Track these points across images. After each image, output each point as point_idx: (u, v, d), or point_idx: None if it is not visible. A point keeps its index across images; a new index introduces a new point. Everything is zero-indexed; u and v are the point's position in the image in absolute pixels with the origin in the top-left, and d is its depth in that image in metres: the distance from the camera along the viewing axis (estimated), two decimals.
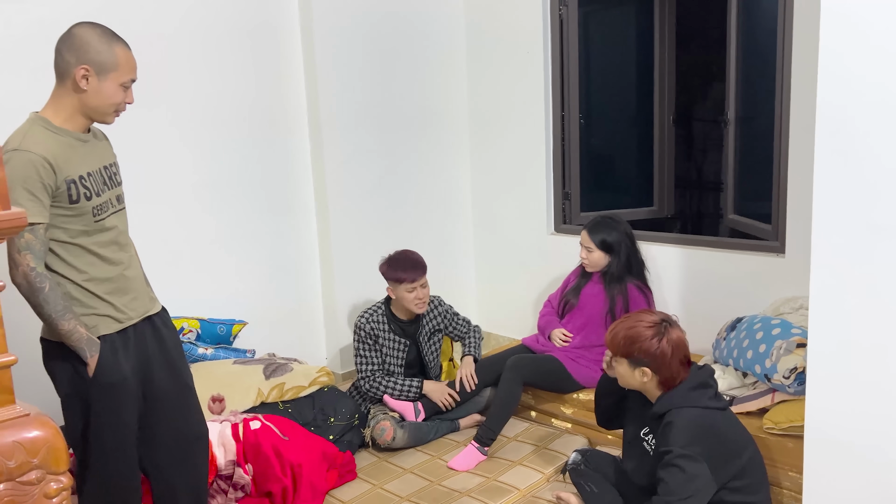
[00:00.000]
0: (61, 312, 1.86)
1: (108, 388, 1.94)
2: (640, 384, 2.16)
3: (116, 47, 1.91)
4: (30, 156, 1.79)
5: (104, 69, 1.88)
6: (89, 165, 1.94)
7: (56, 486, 1.08)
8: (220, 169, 3.44)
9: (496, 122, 4.15)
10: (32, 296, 1.84)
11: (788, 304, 2.91)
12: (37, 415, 1.12)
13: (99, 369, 1.92)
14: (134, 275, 2.08)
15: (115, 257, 2.00)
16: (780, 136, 3.11)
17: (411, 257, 3.21)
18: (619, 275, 3.16)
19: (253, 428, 2.70)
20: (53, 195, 1.84)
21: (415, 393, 3.18)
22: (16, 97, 2.38)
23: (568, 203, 4.05)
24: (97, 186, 1.95)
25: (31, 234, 1.81)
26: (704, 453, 1.96)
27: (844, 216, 1.71)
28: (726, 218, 3.75)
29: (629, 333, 2.13)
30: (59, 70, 1.89)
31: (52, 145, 1.84)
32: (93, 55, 1.86)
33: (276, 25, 3.55)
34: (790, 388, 2.51)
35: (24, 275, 1.81)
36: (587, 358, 3.18)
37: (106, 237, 1.98)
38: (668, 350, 2.07)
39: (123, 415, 1.99)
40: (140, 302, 2.08)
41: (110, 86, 1.90)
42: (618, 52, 4.43)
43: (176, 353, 2.18)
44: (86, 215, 1.91)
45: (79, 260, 1.93)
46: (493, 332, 4.40)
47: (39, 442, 1.06)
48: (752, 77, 3.53)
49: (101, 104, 1.91)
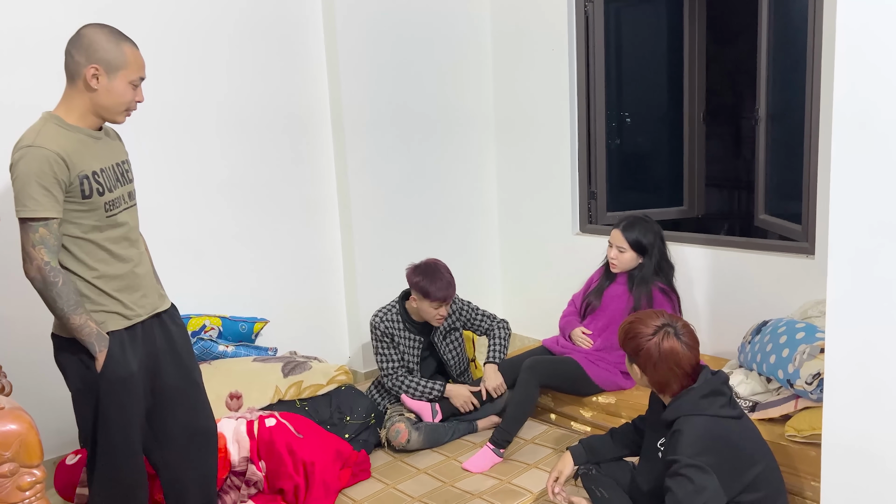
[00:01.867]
0: (73, 307, 1.89)
1: (116, 383, 1.96)
2: (640, 381, 2.15)
3: (124, 46, 1.94)
4: (44, 151, 1.82)
5: (113, 68, 1.91)
6: (102, 161, 1.97)
7: (30, 479, 1.09)
8: (245, 168, 3.47)
9: (521, 120, 4.11)
10: (46, 290, 1.87)
11: (817, 308, 2.81)
12: (11, 408, 1.13)
13: (107, 364, 1.95)
14: (144, 272, 2.10)
15: (125, 254, 2.03)
16: (811, 133, 3.01)
17: (446, 276, 3.09)
18: (648, 277, 3.09)
19: (268, 425, 2.71)
20: (67, 190, 1.87)
21: (436, 395, 3.16)
22: (29, 97, 2.45)
23: (594, 202, 3.98)
24: (110, 182, 1.98)
25: (46, 229, 1.84)
26: (714, 464, 1.89)
27: (863, 216, 1.64)
28: (757, 218, 3.64)
29: (628, 328, 2.11)
30: (70, 71, 1.92)
31: (65, 142, 1.88)
32: (102, 54, 1.89)
33: (299, 26, 3.57)
34: (813, 394, 2.42)
35: (39, 269, 1.85)
36: (607, 361, 3.12)
37: (117, 233, 2.01)
38: (655, 354, 2.03)
39: (130, 410, 2.01)
40: (149, 299, 2.10)
41: (120, 84, 1.93)
42: (647, 48, 4.34)
43: (184, 349, 2.20)
44: (98, 210, 1.94)
45: (90, 256, 1.95)
46: (517, 332, 4.35)
47: (12, 436, 1.07)
48: (783, 73, 3.42)
49: (111, 103, 1.94)
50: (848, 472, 1.77)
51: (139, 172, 2.36)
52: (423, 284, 3.07)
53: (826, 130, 2.87)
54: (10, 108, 2.71)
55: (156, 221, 2.88)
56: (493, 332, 3.32)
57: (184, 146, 3.26)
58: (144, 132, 2.99)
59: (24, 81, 2.77)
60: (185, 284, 3.13)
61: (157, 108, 3.09)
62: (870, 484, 1.73)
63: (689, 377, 2.05)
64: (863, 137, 1.61)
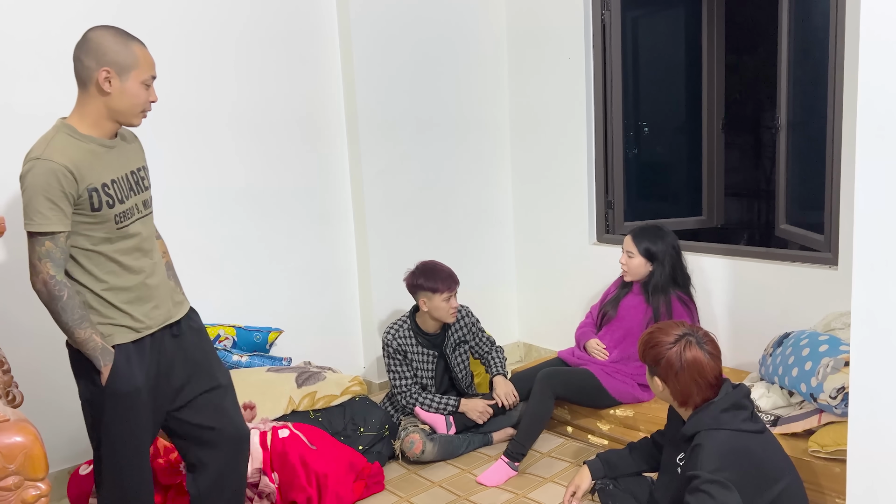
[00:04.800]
0: (78, 321, 1.87)
1: (120, 398, 1.94)
2: (661, 395, 2.09)
3: (133, 46, 1.90)
4: (51, 165, 1.80)
5: (125, 69, 1.88)
6: (114, 172, 1.94)
7: (34, 493, 1.07)
8: (259, 178, 3.47)
9: (537, 129, 4.08)
10: (51, 303, 1.85)
11: (840, 320, 2.74)
12: (16, 420, 1.11)
13: (111, 378, 1.92)
14: (156, 282, 2.06)
15: (136, 265, 2.00)
16: (833, 142, 2.96)
17: (444, 267, 3.18)
18: (664, 285, 3.05)
19: (281, 436, 2.69)
20: (75, 203, 1.85)
21: (450, 410, 3.14)
22: (43, 105, 2.46)
23: (611, 212, 3.94)
24: (121, 193, 1.94)
25: (52, 243, 1.82)
26: (735, 480, 1.84)
27: (888, 226, 1.59)
28: (777, 227, 3.58)
29: (649, 338, 2.07)
30: (81, 77, 1.89)
31: (74, 153, 1.85)
32: (112, 56, 1.86)
33: (315, 35, 3.58)
34: (837, 408, 2.36)
35: (44, 282, 1.83)
36: (623, 372, 3.07)
37: (128, 244, 1.98)
38: (676, 363, 1.98)
39: (134, 425, 1.98)
40: (161, 310, 2.06)
41: (133, 85, 1.90)
42: (664, 57, 4.31)
43: (200, 354, 2.15)
44: (108, 223, 1.91)
45: (99, 268, 1.93)
46: (534, 343, 4.31)
47: (17, 448, 1.05)
48: (803, 81, 3.37)
49: (126, 105, 1.91)
50: (874, 489, 1.71)
51: (154, 181, 2.35)
52: (429, 282, 3.11)
53: (849, 138, 2.81)
54: (33, 117, 2.73)
55: (171, 230, 2.87)
56: (491, 353, 3.35)
57: (199, 155, 3.26)
58: (160, 141, 2.99)
59: (44, 90, 2.79)
60: (200, 294, 3.11)
61: (172, 116, 3.10)
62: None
63: (711, 388, 2.00)
64: (887, 146, 1.57)
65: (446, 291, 3.10)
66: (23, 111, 2.76)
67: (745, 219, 5.74)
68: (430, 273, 3.14)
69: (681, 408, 2.05)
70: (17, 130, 2.81)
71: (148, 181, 2.08)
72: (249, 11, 3.34)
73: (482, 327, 3.39)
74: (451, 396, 3.17)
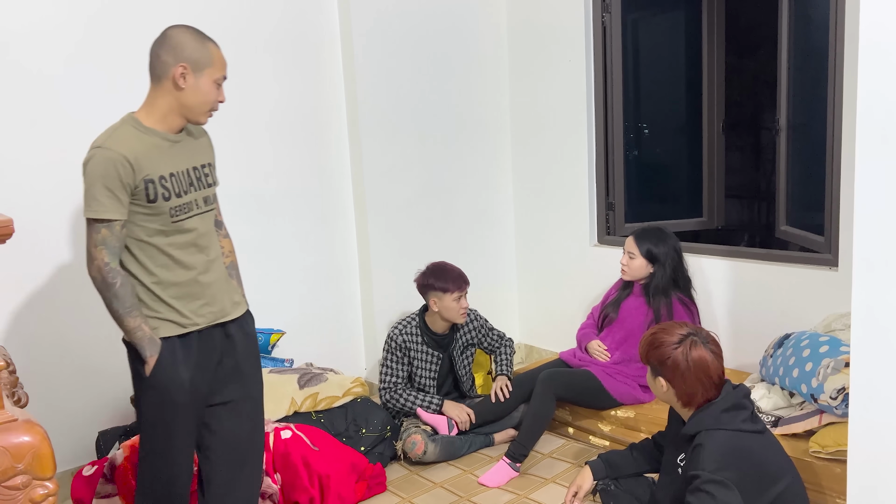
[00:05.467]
0: (128, 309, 1.89)
1: (162, 390, 1.94)
2: (663, 396, 2.09)
3: (209, 45, 1.97)
4: (110, 153, 1.84)
5: (200, 66, 1.93)
6: (174, 166, 1.96)
7: (42, 492, 1.08)
8: (261, 180, 3.48)
9: (539, 131, 4.09)
10: (104, 290, 1.88)
11: (840, 321, 2.75)
12: (24, 420, 1.12)
13: (155, 370, 1.93)
14: (210, 280, 2.04)
15: (189, 261, 2.00)
16: (833, 143, 2.97)
17: (455, 268, 3.20)
18: (664, 287, 3.06)
19: (284, 437, 2.71)
20: (132, 193, 1.88)
21: (434, 410, 3.15)
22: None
23: (612, 214, 3.95)
24: (179, 187, 1.96)
25: (108, 230, 1.86)
26: (736, 479, 1.85)
27: (888, 227, 1.60)
28: (778, 229, 3.59)
29: (651, 339, 2.06)
30: (157, 71, 1.93)
31: (136, 144, 1.89)
32: (189, 53, 1.92)
33: (316, 38, 3.59)
34: (838, 409, 2.36)
35: (98, 269, 1.86)
36: (625, 374, 3.08)
37: (183, 239, 1.98)
38: (682, 363, 1.98)
39: (174, 420, 1.98)
40: (212, 307, 2.04)
41: (206, 82, 1.95)
42: (665, 58, 4.32)
43: (246, 361, 2.14)
44: (163, 215, 1.93)
45: (152, 261, 1.95)
46: (534, 345, 4.32)
47: (25, 448, 1.06)
48: (804, 83, 3.38)
49: (197, 102, 1.95)
50: (875, 489, 1.72)
51: None
52: (440, 282, 3.13)
53: (849, 140, 2.82)
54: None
55: None
56: (500, 350, 3.37)
57: None
58: None
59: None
60: None
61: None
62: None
63: (715, 388, 2.01)
64: (887, 147, 1.58)
65: (457, 291, 3.12)
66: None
67: (745, 220, 5.76)
68: (441, 273, 3.15)
69: (683, 408, 2.06)
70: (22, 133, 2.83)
71: (213, 178, 2.10)
72: (250, 14, 3.35)
73: (491, 325, 3.41)
74: (434, 397, 3.19)
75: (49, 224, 2.86)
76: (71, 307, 2.91)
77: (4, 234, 1.28)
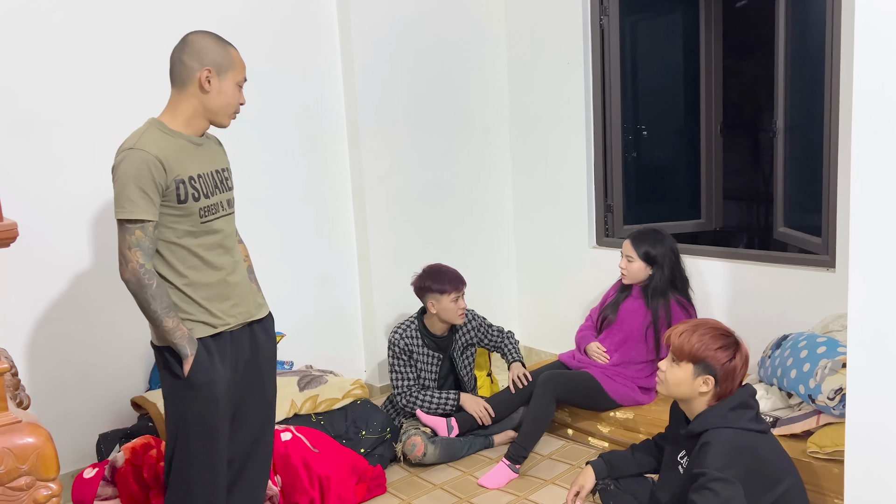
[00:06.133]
0: (166, 310, 1.90)
1: (204, 388, 1.95)
2: (692, 393, 2.02)
3: (230, 49, 2.01)
4: (143, 154, 1.86)
5: (223, 69, 1.97)
6: (201, 167, 2.00)
7: (46, 493, 1.09)
8: (261, 182, 3.49)
9: (537, 134, 4.11)
10: (140, 291, 1.88)
11: (838, 322, 2.76)
12: (28, 422, 1.14)
13: (195, 369, 1.93)
14: (237, 280, 2.08)
15: (218, 261, 2.02)
16: (830, 145, 2.98)
17: (451, 269, 3.21)
18: (663, 289, 3.07)
19: (284, 439, 2.72)
20: (163, 194, 1.90)
21: (451, 406, 3.15)
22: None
23: (610, 216, 3.96)
24: (207, 188, 1.99)
25: (141, 232, 1.87)
26: (740, 477, 1.85)
27: (885, 229, 1.61)
28: (776, 230, 3.61)
29: (705, 338, 1.99)
30: (181, 77, 1.96)
31: (165, 146, 1.91)
32: (213, 57, 1.95)
33: (316, 40, 3.60)
34: (835, 409, 2.38)
35: (134, 271, 1.86)
36: (624, 375, 3.09)
37: (212, 240, 2.01)
38: (739, 364, 1.99)
39: (213, 420, 1.98)
40: (241, 308, 2.07)
41: (229, 85, 1.99)
42: (663, 61, 4.34)
43: (266, 363, 2.18)
44: (193, 216, 1.95)
45: (182, 263, 1.96)
46: (534, 346, 4.33)
47: (29, 449, 1.07)
48: (801, 85, 3.40)
49: (222, 104, 1.99)
50: (872, 489, 1.73)
51: None
52: (437, 284, 3.14)
53: (846, 141, 2.84)
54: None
55: None
56: (505, 343, 3.39)
57: None
58: None
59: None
60: None
61: None
62: (895, 501, 1.69)
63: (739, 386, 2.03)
64: (884, 148, 1.59)
65: (454, 292, 3.13)
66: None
67: (743, 222, 5.77)
68: (438, 275, 3.17)
69: (706, 405, 2.02)
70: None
71: (231, 182, 2.14)
72: (250, 16, 3.37)
73: (489, 322, 3.42)
74: (451, 391, 3.18)
75: (52, 227, 2.87)
76: (72, 310, 2.92)
77: (9, 238, 1.29)
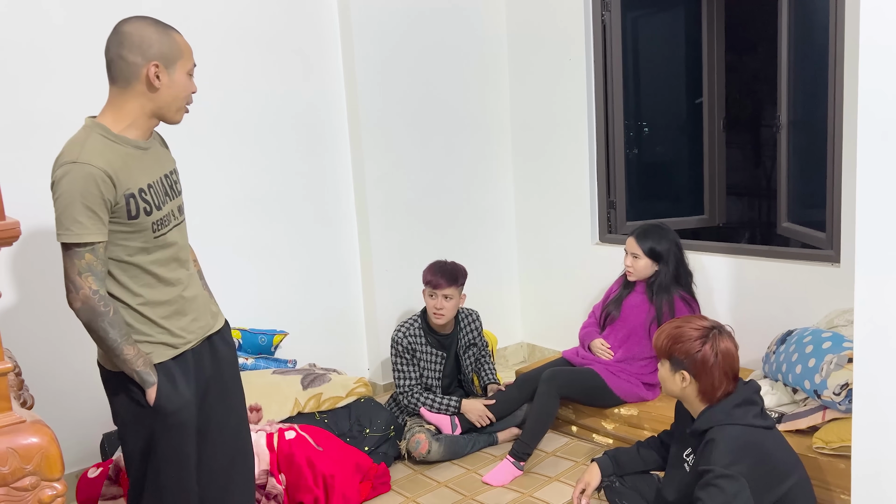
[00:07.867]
0: (125, 337, 1.73)
1: (169, 417, 1.80)
2: (679, 391, 2.05)
3: (173, 34, 1.78)
4: (89, 169, 1.65)
5: (171, 61, 1.75)
6: (150, 175, 1.80)
7: (51, 493, 1.09)
8: (264, 182, 3.49)
9: (539, 130, 4.10)
10: (96, 320, 1.69)
11: (843, 317, 2.76)
12: (32, 422, 1.13)
13: (159, 396, 1.78)
14: (193, 294, 1.92)
15: (173, 276, 1.85)
16: (833, 139, 2.97)
17: (445, 265, 3.18)
18: (667, 284, 3.06)
19: (288, 438, 2.71)
20: (112, 210, 1.71)
21: (452, 411, 3.15)
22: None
23: (613, 212, 3.95)
24: (158, 198, 1.80)
25: (92, 255, 1.67)
26: (746, 473, 1.85)
27: (890, 223, 1.60)
28: (779, 226, 3.60)
29: (674, 332, 2.02)
30: (123, 74, 1.73)
31: (111, 156, 1.70)
32: (157, 48, 1.73)
33: (317, 40, 3.59)
34: (841, 405, 2.37)
35: (86, 298, 1.67)
36: (628, 372, 3.08)
37: (166, 254, 1.83)
38: (711, 357, 1.96)
39: (184, 446, 1.85)
40: (200, 322, 1.92)
41: (180, 76, 1.78)
42: (665, 57, 4.33)
43: (231, 377, 2.02)
44: (145, 231, 1.77)
45: (135, 281, 1.78)
46: (537, 344, 4.33)
47: (34, 449, 1.07)
48: (804, 80, 3.39)
49: (174, 99, 1.79)
50: (879, 485, 1.73)
51: None
52: (425, 276, 3.15)
53: (850, 136, 2.82)
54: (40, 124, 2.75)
55: None
56: (483, 359, 3.42)
57: (202, 161, 3.27)
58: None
59: (51, 98, 2.81)
60: None
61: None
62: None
63: (732, 383, 2.00)
64: (889, 143, 1.58)
65: (428, 287, 3.13)
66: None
67: (746, 217, 5.76)
68: (429, 267, 3.19)
69: (700, 403, 2.03)
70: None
71: (180, 185, 1.94)
72: (251, 16, 3.36)
73: (485, 340, 3.44)
74: (452, 397, 3.18)
75: (54, 227, 2.86)
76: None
77: (11, 237, 1.28)
